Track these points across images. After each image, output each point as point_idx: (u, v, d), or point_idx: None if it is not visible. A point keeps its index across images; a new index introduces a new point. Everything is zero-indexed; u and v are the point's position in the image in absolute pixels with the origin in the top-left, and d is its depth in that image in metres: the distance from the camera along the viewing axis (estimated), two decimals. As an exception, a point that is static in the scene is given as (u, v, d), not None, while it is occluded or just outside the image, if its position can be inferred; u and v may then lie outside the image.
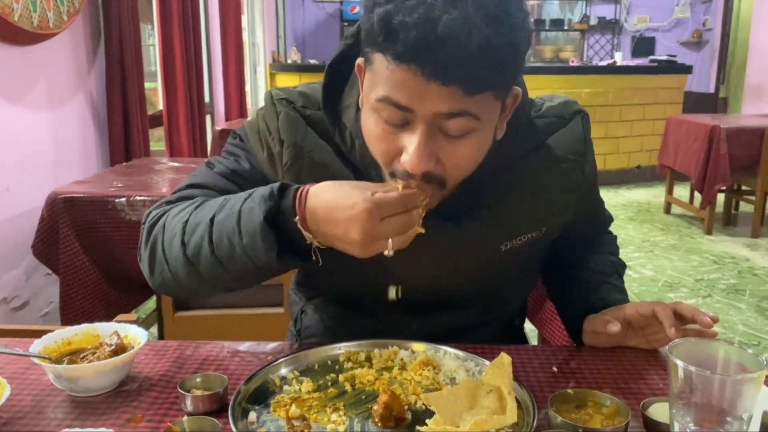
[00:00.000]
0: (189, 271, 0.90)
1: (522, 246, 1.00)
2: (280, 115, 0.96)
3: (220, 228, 0.86)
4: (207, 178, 1.02)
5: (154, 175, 2.59)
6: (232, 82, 5.27)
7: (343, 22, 8.20)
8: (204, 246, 0.87)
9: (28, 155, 2.59)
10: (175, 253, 0.90)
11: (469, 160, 0.85)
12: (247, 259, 0.84)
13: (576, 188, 1.02)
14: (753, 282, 3.87)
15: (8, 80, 2.46)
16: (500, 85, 0.80)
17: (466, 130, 0.80)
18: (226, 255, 0.86)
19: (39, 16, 2.49)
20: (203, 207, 0.92)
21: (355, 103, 0.92)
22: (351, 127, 0.93)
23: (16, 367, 0.92)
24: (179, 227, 0.91)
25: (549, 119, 1.00)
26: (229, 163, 1.02)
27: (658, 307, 0.95)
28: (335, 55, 0.95)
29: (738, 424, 0.63)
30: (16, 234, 2.47)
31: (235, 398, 0.79)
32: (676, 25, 8.78)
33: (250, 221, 0.83)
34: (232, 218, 0.85)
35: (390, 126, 0.81)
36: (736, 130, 4.57)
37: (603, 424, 0.75)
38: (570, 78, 6.20)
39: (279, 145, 0.96)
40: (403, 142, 0.81)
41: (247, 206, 0.84)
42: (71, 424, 0.78)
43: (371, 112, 0.83)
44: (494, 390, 0.78)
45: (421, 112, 0.78)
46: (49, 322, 2.64)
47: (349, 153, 0.94)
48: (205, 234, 0.87)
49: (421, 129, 0.79)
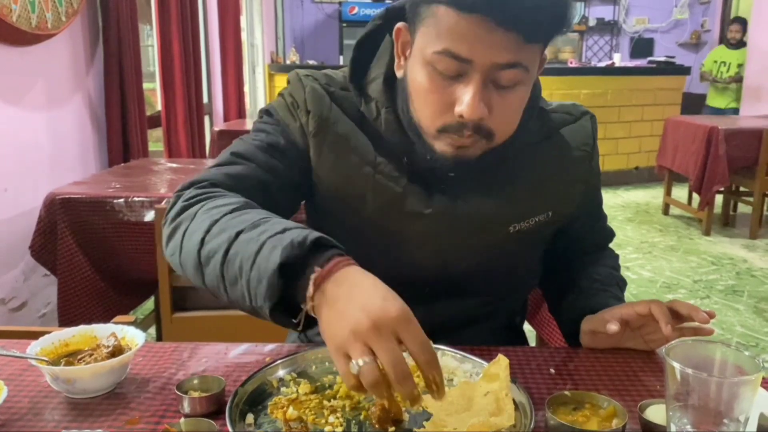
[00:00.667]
0: (195, 270, 0.85)
1: (529, 229, 1.03)
2: (306, 88, 1.00)
3: (239, 247, 0.79)
4: (247, 149, 0.98)
5: (153, 176, 2.59)
6: (230, 83, 5.27)
7: (341, 23, 8.20)
8: (218, 255, 0.81)
9: (26, 156, 2.59)
10: (191, 247, 0.85)
11: (516, 113, 0.92)
12: (246, 294, 0.77)
13: (583, 179, 1.08)
14: (751, 283, 3.87)
15: (6, 81, 2.46)
16: (552, 35, 0.87)
17: (516, 81, 0.86)
18: (232, 278, 0.79)
19: (37, 17, 2.49)
20: (239, 215, 0.84)
21: (382, 75, 0.98)
22: (377, 98, 0.98)
23: (13, 368, 0.92)
24: (206, 224, 0.84)
25: (560, 114, 1.07)
26: (263, 137, 1.00)
27: (654, 305, 0.95)
28: (364, 33, 1.02)
29: (735, 426, 0.63)
30: (14, 235, 2.47)
31: (233, 400, 0.79)
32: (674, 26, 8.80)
33: (267, 259, 0.74)
34: (255, 245, 0.77)
35: (444, 78, 0.86)
36: (735, 132, 4.58)
37: (600, 426, 0.75)
38: (568, 79, 6.20)
39: (305, 116, 0.99)
40: (457, 93, 0.86)
41: (274, 240, 0.76)
42: (68, 425, 0.78)
43: (423, 66, 0.87)
44: (491, 392, 0.78)
45: (480, 62, 0.83)
46: (46, 324, 2.64)
47: (374, 121, 0.98)
48: (224, 245, 0.80)
49: (477, 79, 0.84)
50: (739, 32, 6.82)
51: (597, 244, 1.20)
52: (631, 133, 6.67)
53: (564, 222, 1.09)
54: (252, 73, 6.61)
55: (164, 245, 0.93)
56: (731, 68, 6.80)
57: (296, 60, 7.43)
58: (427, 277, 1.04)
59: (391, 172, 0.99)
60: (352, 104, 1.00)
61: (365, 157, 0.99)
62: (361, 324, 0.67)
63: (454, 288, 1.06)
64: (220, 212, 0.86)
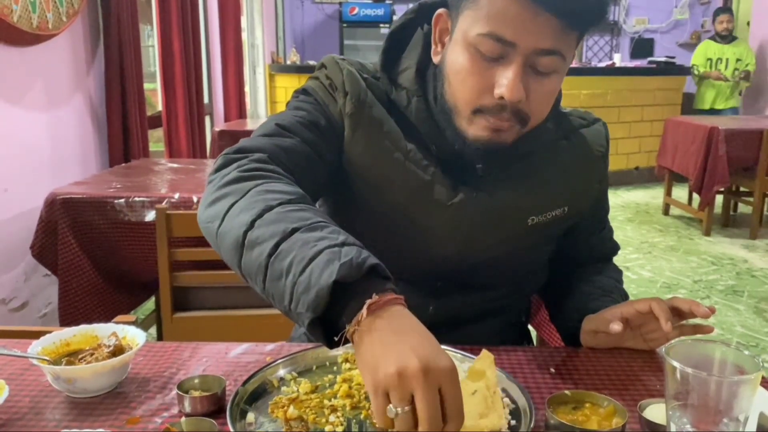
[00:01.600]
0: (235, 248, 0.79)
1: (545, 223, 1.06)
2: (344, 71, 1.01)
3: (293, 245, 0.74)
4: (292, 123, 0.96)
5: (153, 176, 2.59)
6: (231, 83, 5.27)
7: (342, 23, 8.20)
8: (266, 245, 0.76)
9: (26, 156, 2.59)
10: (237, 225, 0.80)
11: (550, 100, 0.95)
12: (287, 295, 0.73)
13: (599, 178, 1.13)
14: (751, 283, 3.87)
15: (7, 81, 2.46)
16: (590, 25, 0.91)
17: (553, 68, 0.90)
18: (277, 272, 0.74)
19: (38, 17, 2.49)
20: (296, 210, 0.80)
21: (414, 65, 1.00)
22: (408, 86, 1.00)
23: (14, 368, 0.92)
24: (260, 207, 0.79)
25: (575, 117, 1.13)
26: (305, 115, 0.99)
27: (655, 303, 0.95)
28: (397, 25, 1.05)
29: (734, 425, 0.63)
30: (15, 235, 2.47)
31: (233, 399, 0.79)
32: (674, 26, 8.80)
33: (321, 270, 0.70)
34: (310, 250, 0.73)
35: (485, 60, 0.89)
36: (735, 132, 4.58)
37: (600, 426, 0.75)
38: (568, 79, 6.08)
39: (343, 96, 1.00)
40: (497, 75, 0.89)
41: (331, 252, 0.72)
42: (69, 425, 0.79)
43: (465, 48, 0.90)
44: (478, 390, 0.78)
45: (523, 45, 0.86)
46: (47, 323, 2.64)
47: (405, 109, 1.00)
48: (276, 236, 0.76)
49: (518, 62, 0.87)
50: (730, 22, 6.27)
51: (601, 254, 1.21)
52: (631, 133, 6.66)
53: (575, 220, 1.11)
54: (252, 73, 6.61)
55: (203, 206, 0.87)
56: (730, 64, 6.26)
57: (297, 60, 7.43)
58: (442, 269, 1.05)
59: (421, 160, 1.00)
60: (382, 92, 1.02)
61: (397, 143, 1.00)
62: (411, 366, 0.63)
63: (466, 282, 1.07)
64: (276, 199, 0.81)
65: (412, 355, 0.63)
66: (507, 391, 0.84)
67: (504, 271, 1.09)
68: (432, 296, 1.06)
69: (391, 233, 1.02)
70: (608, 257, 1.22)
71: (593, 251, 1.19)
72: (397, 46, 1.05)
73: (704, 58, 6.36)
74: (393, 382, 0.63)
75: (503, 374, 0.86)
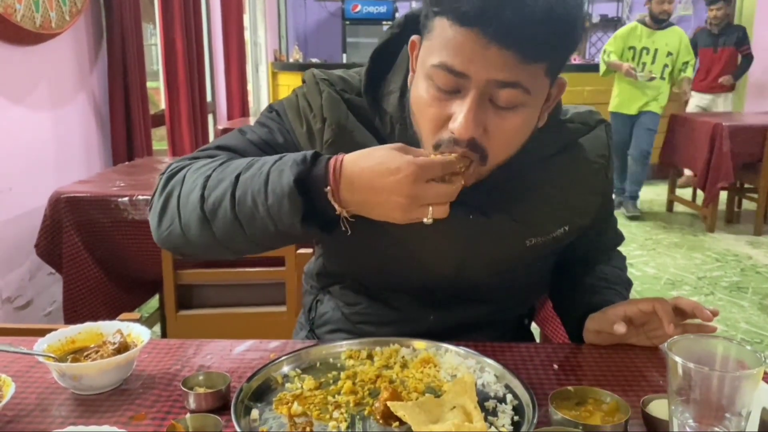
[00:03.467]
0: (202, 227, 0.87)
1: (545, 243, 1.02)
2: (323, 94, 0.97)
3: (245, 186, 0.84)
4: (237, 142, 0.99)
5: (157, 175, 2.59)
6: (234, 81, 5.27)
7: (344, 21, 8.20)
8: (225, 202, 0.85)
9: (30, 155, 2.60)
10: (191, 207, 0.88)
11: (514, 136, 0.87)
12: (269, 221, 0.83)
13: (600, 191, 1.06)
14: (756, 280, 3.86)
15: (11, 80, 2.47)
16: (555, 56, 0.83)
17: (515, 103, 0.83)
18: (248, 214, 0.84)
19: (41, 16, 2.50)
20: (229, 165, 0.89)
21: (399, 89, 0.95)
22: (392, 112, 0.95)
23: (20, 365, 0.93)
24: (200, 181, 0.88)
25: (576, 125, 1.04)
26: (262, 133, 1.00)
27: (658, 303, 0.95)
28: (380, 42, 0.99)
29: (737, 420, 0.63)
30: (20, 233, 2.48)
31: (238, 396, 0.79)
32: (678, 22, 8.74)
33: (279, 183, 0.81)
34: (260, 178, 0.83)
35: (441, 93, 0.84)
36: (739, 128, 4.57)
37: (603, 421, 0.75)
38: (572, 76, 6.12)
39: (321, 123, 0.96)
40: (453, 108, 0.83)
41: (277, 167, 0.83)
42: (75, 421, 0.79)
43: (423, 79, 0.85)
44: (458, 407, 0.78)
45: (476, 77, 0.80)
46: (52, 322, 2.65)
47: (388, 137, 0.95)
48: (228, 190, 0.85)
49: (473, 95, 0.81)
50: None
51: (605, 248, 1.20)
52: (634, 129, 6.62)
53: (579, 234, 1.08)
54: (255, 71, 6.61)
55: (156, 226, 0.93)
56: (658, 57, 4.83)
57: (299, 58, 7.43)
58: (441, 284, 1.04)
59: None
60: (367, 112, 0.97)
61: None
62: (401, 204, 0.78)
63: (467, 295, 1.06)
64: (209, 168, 0.89)
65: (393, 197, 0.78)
66: (510, 387, 0.84)
67: (503, 287, 1.08)
68: (431, 307, 1.06)
69: (387, 251, 1.01)
70: (613, 248, 1.21)
71: (598, 247, 1.18)
72: (382, 63, 0.98)
73: (623, 46, 4.93)
74: (409, 216, 0.80)
75: (506, 370, 0.87)
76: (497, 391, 0.84)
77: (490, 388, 0.85)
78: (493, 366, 0.89)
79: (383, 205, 0.79)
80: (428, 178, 0.78)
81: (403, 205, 0.78)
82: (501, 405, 0.81)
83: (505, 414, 0.79)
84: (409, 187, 0.77)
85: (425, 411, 0.77)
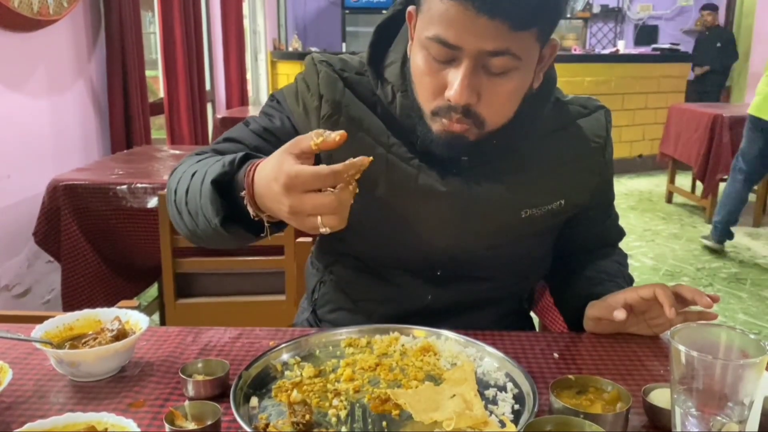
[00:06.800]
0: (180, 220, 0.95)
1: (541, 216, 1.04)
2: (320, 74, 1.02)
3: (193, 185, 0.90)
4: (241, 133, 1.04)
5: (155, 163, 2.59)
6: (233, 70, 5.25)
7: (344, 10, 8.16)
8: (182, 198, 0.92)
9: (28, 142, 2.59)
10: (170, 202, 0.98)
11: (507, 100, 0.92)
12: (205, 220, 0.87)
13: (597, 171, 1.09)
14: (754, 271, 3.87)
15: (8, 67, 2.45)
16: (543, 23, 0.87)
17: (507, 68, 0.87)
18: (194, 211, 0.90)
19: (39, 3, 2.48)
20: (202, 162, 0.94)
21: (400, 59, 1.00)
22: (394, 82, 0.99)
23: (18, 352, 0.93)
24: (177, 176, 0.97)
25: (575, 107, 1.09)
26: (263, 121, 1.05)
27: (659, 288, 0.95)
28: (385, 17, 1.04)
29: (739, 409, 0.63)
30: (18, 221, 2.47)
31: (237, 383, 0.79)
32: (678, 13, 8.74)
33: (205, 184, 0.86)
34: (200, 177, 0.88)
35: (437, 63, 0.89)
36: (739, 119, 4.55)
37: (604, 410, 0.75)
38: (572, 66, 6.16)
39: (318, 100, 1.01)
40: (449, 77, 0.88)
41: (213, 168, 0.86)
42: (73, 408, 0.79)
43: (420, 50, 0.90)
44: (458, 395, 0.77)
45: (468, 48, 0.85)
46: (51, 310, 2.64)
47: (390, 105, 1.00)
48: (184, 186, 0.92)
49: (466, 65, 0.86)
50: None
51: (606, 241, 1.20)
52: (634, 120, 6.63)
53: (575, 211, 1.09)
54: (254, 60, 6.58)
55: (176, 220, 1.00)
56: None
57: (298, 47, 7.39)
58: (440, 259, 1.05)
59: (405, 153, 1.00)
60: (366, 89, 1.02)
61: (378, 138, 1.00)
62: (286, 213, 0.75)
63: (465, 271, 1.06)
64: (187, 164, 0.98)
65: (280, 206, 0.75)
66: (511, 375, 0.84)
67: (502, 262, 1.08)
68: (431, 284, 1.06)
69: (384, 225, 1.03)
70: (614, 243, 1.21)
71: (599, 239, 1.18)
72: (385, 39, 1.03)
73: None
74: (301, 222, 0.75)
75: (507, 359, 0.86)
76: (497, 380, 0.84)
77: (490, 376, 0.85)
78: (493, 354, 0.88)
79: (280, 213, 0.77)
80: (303, 189, 0.73)
81: (288, 215, 0.75)
82: (501, 393, 0.81)
83: (505, 402, 0.79)
84: (285, 198, 0.74)
85: (425, 399, 0.77)
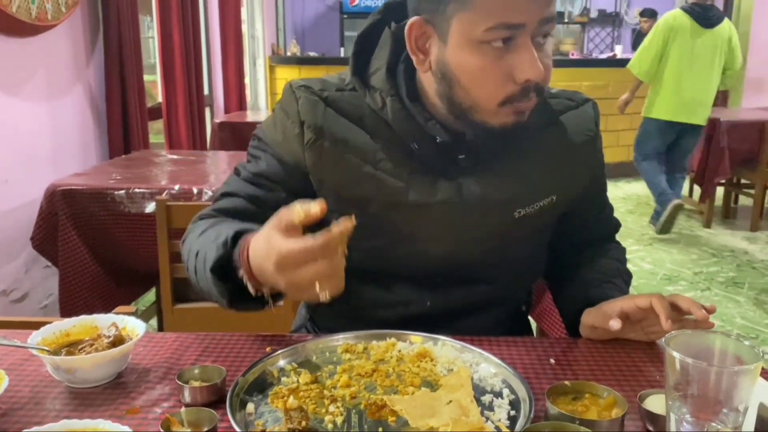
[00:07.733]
0: (199, 290, 0.98)
1: (534, 214, 1.04)
2: (299, 100, 1.02)
3: (198, 268, 0.92)
4: (235, 185, 1.06)
5: (153, 168, 2.59)
6: (231, 75, 5.26)
7: (342, 15, 8.18)
8: (193, 278, 0.96)
9: (26, 147, 2.59)
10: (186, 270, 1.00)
11: (550, 62, 0.95)
12: (217, 298, 0.90)
13: (588, 164, 1.10)
14: (752, 275, 3.87)
15: (6, 72, 2.45)
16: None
17: (550, 32, 0.92)
18: (206, 290, 0.93)
19: (37, 8, 2.48)
20: (202, 236, 0.96)
21: (384, 65, 1.00)
22: (381, 87, 1.00)
23: (14, 358, 0.92)
24: (185, 251, 1.00)
25: (562, 100, 1.09)
26: (251, 166, 1.06)
27: (655, 299, 0.95)
28: (364, 27, 1.05)
29: (734, 415, 0.63)
30: (15, 226, 2.47)
31: (233, 389, 0.79)
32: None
33: (205, 269, 0.88)
34: (202, 260, 0.90)
35: (496, 52, 0.89)
36: (736, 124, 4.57)
37: (600, 416, 0.75)
38: (570, 71, 6.18)
39: (299, 127, 1.01)
40: (511, 61, 0.89)
41: (210, 252, 0.88)
42: (69, 415, 0.78)
43: (473, 47, 0.89)
44: (454, 401, 0.77)
45: (530, 21, 0.87)
46: (48, 315, 2.64)
47: (380, 111, 1.00)
48: (192, 266, 0.95)
49: (528, 42, 0.88)
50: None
51: (602, 235, 1.20)
52: (632, 125, 6.60)
53: (568, 206, 1.09)
54: (253, 65, 6.59)
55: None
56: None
57: (297, 52, 7.40)
58: (436, 266, 1.05)
59: (393, 167, 1.00)
60: (348, 103, 1.02)
61: (365, 156, 1.00)
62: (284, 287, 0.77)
63: (462, 276, 1.07)
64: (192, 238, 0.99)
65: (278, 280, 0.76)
66: (507, 381, 0.84)
67: (498, 265, 1.08)
68: (430, 291, 1.06)
69: (380, 240, 1.03)
70: (610, 236, 1.21)
71: (594, 233, 1.19)
72: (367, 49, 1.04)
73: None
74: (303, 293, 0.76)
75: (503, 365, 0.86)
76: (494, 386, 0.84)
77: (486, 382, 0.85)
78: (489, 360, 0.88)
79: (278, 287, 0.79)
80: (295, 266, 0.73)
81: (287, 291, 0.79)
82: (497, 399, 0.81)
83: (501, 408, 0.79)
84: (279, 276, 0.75)
85: (421, 405, 0.77)
